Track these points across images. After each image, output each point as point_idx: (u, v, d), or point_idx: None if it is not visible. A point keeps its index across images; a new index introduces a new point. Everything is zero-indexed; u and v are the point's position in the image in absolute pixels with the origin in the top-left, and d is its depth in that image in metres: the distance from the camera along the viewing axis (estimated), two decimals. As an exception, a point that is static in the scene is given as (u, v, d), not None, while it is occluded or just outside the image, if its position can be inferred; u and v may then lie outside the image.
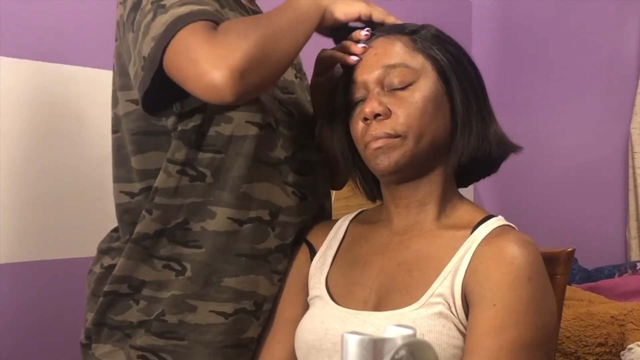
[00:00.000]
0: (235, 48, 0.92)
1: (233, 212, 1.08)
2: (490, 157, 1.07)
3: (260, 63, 0.94)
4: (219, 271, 1.08)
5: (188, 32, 0.95)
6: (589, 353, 1.86)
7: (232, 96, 0.93)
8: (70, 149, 1.78)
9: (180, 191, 1.07)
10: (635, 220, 2.81)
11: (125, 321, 1.10)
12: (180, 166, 1.07)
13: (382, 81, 1.03)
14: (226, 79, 0.91)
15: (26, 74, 1.72)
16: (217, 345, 1.10)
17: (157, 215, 1.07)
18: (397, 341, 0.60)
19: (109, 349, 1.10)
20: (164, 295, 1.08)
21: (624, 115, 2.87)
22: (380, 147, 1.01)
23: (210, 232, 1.07)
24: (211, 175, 1.07)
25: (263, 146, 1.09)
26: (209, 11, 0.98)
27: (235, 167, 1.07)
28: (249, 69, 0.92)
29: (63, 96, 1.77)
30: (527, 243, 0.98)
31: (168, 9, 0.97)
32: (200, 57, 0.93)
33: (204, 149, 1.07)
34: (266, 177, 1.10)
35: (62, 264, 1.76)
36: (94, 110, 1.83)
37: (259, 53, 0.93)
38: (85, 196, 1.80)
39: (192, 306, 1.08)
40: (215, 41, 0.93)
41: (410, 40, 1.05)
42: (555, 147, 3.05)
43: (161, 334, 1.08)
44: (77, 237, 1.78)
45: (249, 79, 0.92)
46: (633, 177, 2.81)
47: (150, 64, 0.97)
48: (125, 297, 1.10)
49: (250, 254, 1.10)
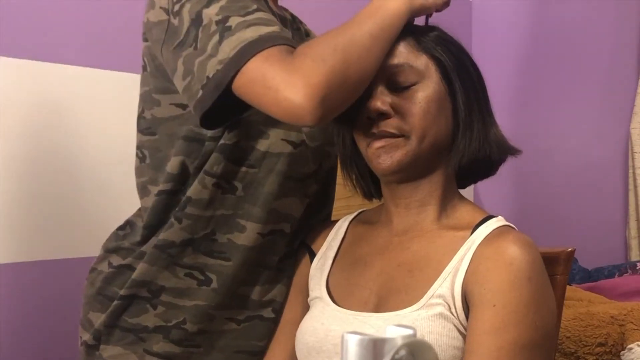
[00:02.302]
0: (313, 75, 0.91)
1: (261, 228, 1.09)
2: (490, 159, 1.07)
3: (339, 88, 0.93)
4: (239, 281, 1.10)
5: (262, 60, 0.93)
6: (589, 353, 1.85)
7: (313, 121, 0.92)
8: (70, 149, 1.78)
9: (212, 203, 1.08)
10: (635, 220, 2.81)
11: (140, 324, 1.09)
12: (216, 179, 1.07)
13: (385, 80, 1.03)
14: (306, 105, 0.90)
15: (26, 74, 1.72)
16: (231, 350, 1.11)
17: (186, 224, 1.08)
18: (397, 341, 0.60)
19: (119, 351, 1.10)
20: (186, 303, 1.09)
21: (624, 115, 2.87)
22: (383, 146, 1.01)
23: (239, 246, 1.09)
24: (242, 188, 1.08)
25: (295, 163, 1.10)
26: (278, 33, 0.97)
27: (268, 183, 1.09)
28: (328, 95, 0.91)
29: (63, 96, 1.77)
30: (527, 243, 0.98)
31: (234, 31, 0.96)
32: (278, 85, 0.92)
33: (239, 163, 1.08)
34: (293, 192, 1.12)
35: (62, 264, 1.76)
36: (94, 110, 1.83)
37: (338, 79, 0.92)
38: (85, 196, 1.80)
39: (212, 315, 1.10)
40: (292, 68, 0.92)
41: (414, 40, 1.05)
42: (555, 147, 3.05)
43: (179, 341, 1.09)
44: (77, 237, 1.78)
45: (329, 104, 0.92)
46: (633, 177, 2.81)
47: (216, 86, 0.96)
48: (143, 301, 1.10)
49: (268, 265, 1.12)
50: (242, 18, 0.97)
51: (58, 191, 1.76)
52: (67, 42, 1.80)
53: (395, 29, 1.00)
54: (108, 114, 1.85)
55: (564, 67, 3.06)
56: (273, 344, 1.13)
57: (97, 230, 1.83)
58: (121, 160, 1.86)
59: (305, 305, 1.11)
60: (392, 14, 1.00)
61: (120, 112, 1.87)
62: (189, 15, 1.01)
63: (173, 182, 1.10)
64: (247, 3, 1.00)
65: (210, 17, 0.98)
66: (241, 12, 0.98)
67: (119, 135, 1.86)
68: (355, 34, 0.97)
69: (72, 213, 1.78)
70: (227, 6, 0.99)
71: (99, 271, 1.16)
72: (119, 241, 1.16)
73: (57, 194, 1.76)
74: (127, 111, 1.87)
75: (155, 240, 1.09)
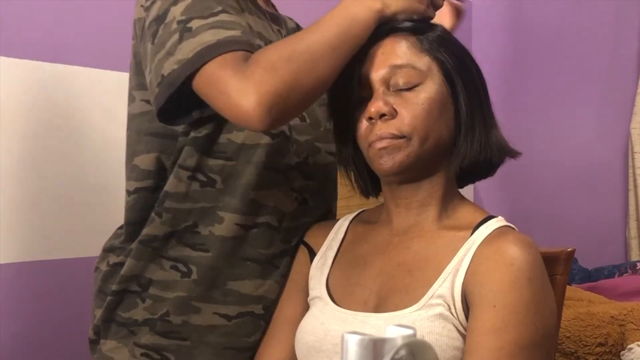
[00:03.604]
0: (263, 84, 0.93)
1: (240, 218, 1.10)
2: (491, 161, 1.07)
3: (289, 97, 0.95)
4: (224, 275, 1.11)
5: (217, 65, 0.96)
6: (589, 353, 1.85)
7: (261, 127, 0.95)
8: (70, 149, 1.78)
9: (191, 196, 1.10)
10: (635, 220, 2.81)
11: (131, 318, 1.12)
12: (191, 172, 1.09)
13: (387, 81, 1.02)
14: (255, 113, 0.93)
15: (26, 74, 1.72)
16: (220, 346, 1.12)
17: (167, 218, 1.10)
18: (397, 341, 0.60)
19: (114, 345, 1.12)
20: (169, 295, 1.11)
21: (624, 115, 2.87)
22: (384, 148, 1.01)
23: (217, 237, 1.10)
24: (221, 181, 1.10)
25: (274, 154, 1.11)
26: (238, 38, 0.99)
27: (246, 174, 1.10)
28: (277, 104, 0.93)
29: (63, 96, 1.77)
30: (527, 244, 0.98)
31: (195, 34, 0.98)
32: (230, 92, 0.95)
33: (215, 155, 1.09)
34: (275, 183, 1.12)
35: (62, 264, 1.76)
36: (94, 110, 1.83)
37: (287, 88, 0.94)
38: (85, 196, 1.80)
39: (197, 308, 1.11)
40: (244, 76, 0.95)
41: (417, 40, 1.04)
42: (555, 147, 3.05)
43: (165, 333, 1.11)
44: (77, 237, 1.78)
45: (277, 112, 0.94)
46: (633, 177, 2.81)
47: (169, 84, 0.99)
48: (134, 295, 1.12)
49: (256, 259, 1.12)
50: (204, 20, 0.99)
51: (58, 191, 1.76)
52: (67, 42, 1.80)
53: (359, 38, 1.01)
54: (108, 114, 1.85)
55: (564, 67, 3.06)
56: (272, 343, 1.13)
57: (97, 230, 1.83)
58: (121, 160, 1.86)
59: (305, 304, 1.11)
60: (358, 22, 1.01)
61: (120, 112, 1.86)
62: (157, 12, 1.04)
63: (151, 179, 1.12)
64: (213, 4, 1.01)
65: (174, 16, 1.01)
66: (205, 13, 1.00)
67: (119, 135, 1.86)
68: (313, 42, 0.98)
69: (72, 213, 1.78)
70: (193, 5, 1.01)
71: (99, 270, 1.18)
72: (114, 240, 1.18)
73: (57, 194, 1.76)
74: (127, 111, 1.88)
75: (139, 236, 1.12)
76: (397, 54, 1.03)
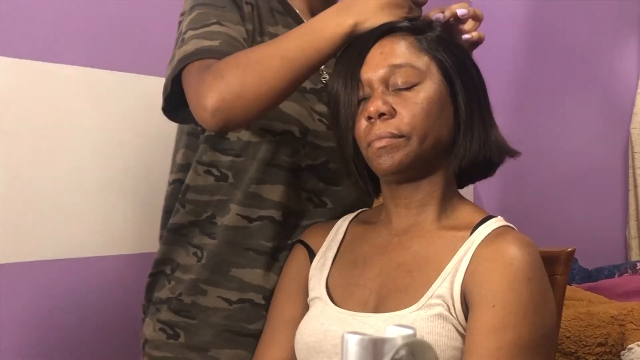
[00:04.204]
0: (209, 89, 1.01)
1: (241, 209, 1.18)
2: (490, 161, 1.07)
3: (233, 104, 1.01)
4: (228, 262, 1.19)
5: (188, 71, 1.07)
6: (589, 353, 1.85)
7: (212, 129, 1.05)
8: (70, 149, 1.78)
9: (208, 189, 1.19)
10: (635, 220, 2.81)
11: (159, 297, 1.24)
12: (206, 167, 1.19)
13: (386, 80, 1.02)
14: (205, 115, 1.02)
15: (26, 74, 1.72)
16: (220, 328, 1.19)
17: (189, 209, 1.21)
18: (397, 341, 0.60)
19: (148, 322, 1.25)
20: (186, 277, 1.21)
21: (624, 115, 2.87)
22: (384, 147, 1.01)
23: (221, 225, 1.19)
24: (232, 176, 1.19)
25: (280, 152, 1.18)
26: (213, 47, 1.07)
27: (251, 169, 1.18)
28: (220, 109, 1.01)
29: (63, 96, 1.77)
30: (527, 244, 0.98)
31: (184, 43, 1.10)
32: (191, 95, 1.05)
33: (227, 152, 1.18)
34: (281, 180, 1.18)
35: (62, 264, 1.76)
36: (94, 110, 1.83)
37: (231, 96, 1.01)
38: (85, 196, 1.80)
39: (204, 290, 1.19)
40: (199, 82, 1.04)
41: (416, 40, 1.05)
42: (555, 147, 3.05)
43: (177, 311, 1.20)
44: (77, 237, 1.78)
45: (222, 116, 1.01)
46: (633, 177, 2.82)
47: (165, 87, 1.12)
48: (164, 277, 1.24)
49: (257, 249, 1.19)
50: (195, 31, 1.10)
51: (58, 191, 1.76)
52: (67, 42, 1.80)
53: (323, 53, 1.04)
54: (108, 114, 1.85)
55: (564, 67, 3.06)
56: (272, 344, 1.13)
57: (97, 230, 1.84)
58: (121, 160, 1.86)
59: (305, 305, 1.11)
60: (324, 37, 1.03)
61: (120, 112, 1.87)
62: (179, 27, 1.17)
63: (182, 172, 1.24)
64: (210, 17, 1.11)
65: (182, 29, 1.14)
66: (198, 24, 1.11)
67: (119, 135, 1.86)
68: (268, 52, 1.03)
69: (72, 213, 1.78)
70: (194, 19, 1.12)
71: None
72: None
73: (57, 194, 1.76)
74: (127, 111, 1.88)
75: (168, 224, 1.23)
76: (396, 54, 1.03)
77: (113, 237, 1.83)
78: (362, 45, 1.05)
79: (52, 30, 1.77)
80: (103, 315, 1.82)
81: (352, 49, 1.06)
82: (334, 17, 1.05)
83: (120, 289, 1.83)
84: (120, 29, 1.89)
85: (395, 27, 1.06)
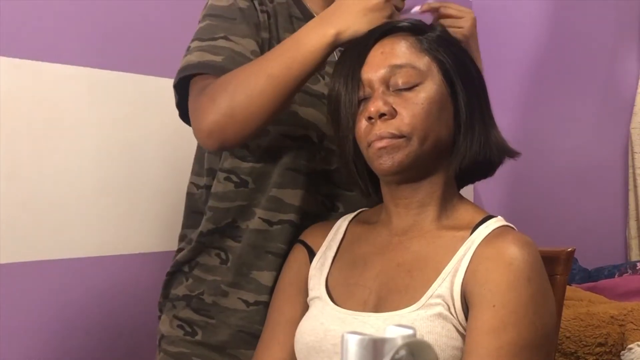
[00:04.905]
0: (203, 112, 1.06)
1: (264, 213, 1.21)
2: (490, 161, 1.07)
3: (226, 125, 1.06)
4: (250, 264, 1.22)
5: (190, 88, 1.13)
6: (589, 353, 1.85)
7: (209, 148, 1.11)
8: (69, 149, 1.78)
9: (228, 196, 1.21)
10: (635, 220, 2.81)
11: (175, 294, 1.26)
12: (226, 174, 1.21)
13: (387, 81, 1.02)
14: (201, 136, 1.09)
15: (26, 74, 1.72)
16: (237, 328, 1.22)
17: (209, 215, 1.22)
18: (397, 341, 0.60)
19: (164, 318, 1.28)
20: (208, 278, 1.23)
21: (624, 115, 2.87)
22: (384, 147, 1.01)
23: (246, 229, 1.21)
24: (252, 181, 1.21)
25: (299, 157, 1.20)
26: (215, 63, 1.10)
27: (273, 174, 1.20)
28: (214, 132, 1.06)
29: (63, 96, 1.77)
30: (527, 244, 0.98)
31: (189, 52, 1.14)
32: (190, 117, 1.12)
33: (245, 159, 1.20)
34: (300, 185, 1.21)
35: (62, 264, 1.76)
36: (94, 110, 1.83)
37: (224, 119, 1.05)
38: (85, 196, 1.80)
39: (225, 291, 1.22)
40: (197, 104, 1.09)
41: (416, 40, 1.05)
42: (555, 147, 3.04)
43: (197, 310, 1.23)
44: (77, 237, 1.78)
45: (218, 137, 1.07)
46: (633, 177, 2.81)
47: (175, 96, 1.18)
48: (182, 274, 1.26)
49: (276, 252, 1.21)
50: (201, 43, 1.13)
51: (58, 191, 1.76)
52: (67, 42, 1.80)
53: (308, 66, 1.05)
54: (108, 114, 1.85)
55: (564, 67, 3.06)
56: (272, 344, 1.12)
57: (97, 230, 1.84)
58: (121, 160, 1.86)
59: (305, 305, 1.11)
60: (307, 50, 1.04)
61: (120, 112, 1.87)
62: None
63: (208, 177, 1.26)
64: (218, 30, 1.14)
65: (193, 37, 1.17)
66: (206, 36, 1.14)
67: (119, 135, 1.86)
68: (253, 71, 1.06)
69: (72, 213, 1.78)
70: (203, 28, 1.15)
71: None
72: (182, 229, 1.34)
73: (56, 194, 1.76)
74: (127, 111, 1.88)
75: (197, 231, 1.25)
76: (396, 54, 1.03)
77: (113, 237, 1.83)
78: (362, 46, 1.05)
79: (52, 30, 1.77)
80: (103, 315, 1.82)
81: (353, 49, 1.06)
82: (316, 29, 1.06)
83: (120, 289, 1.83)
84: (120, 29, 1.89)
85: (395, 27, 1.06)
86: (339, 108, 1.06)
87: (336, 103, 1.06)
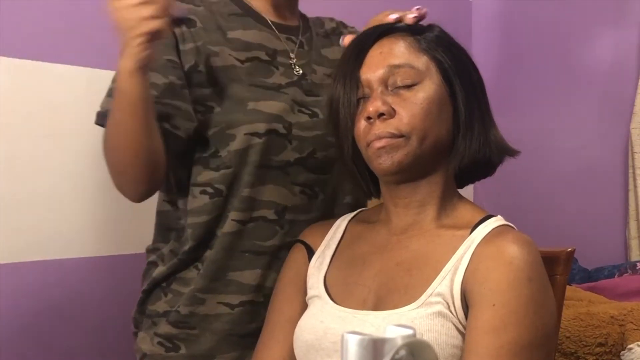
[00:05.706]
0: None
1: (237, 215, 1.19)
2: (490, 160, 1.07)
3: (120, 186, 1.15)
4: (225, 267, 1.19)
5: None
6: (589, 353, 1.85)
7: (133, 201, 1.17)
8: (69, 149, 1.78)
9: (204, 209, 1.19)
10: (635, 220, 2.81)
11: (155, 310, 1.23)
12: (202, 187, 1.19)
13: (386, 80, 1.03)
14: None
15: (26, 74, 1.72)
16: (224, 333, 1.20)
17: (190, 233, 1.20)
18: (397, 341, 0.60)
19: (143, 335, 1.24)
20: (185, 290, 1.21)
21: (624, 115, 2.86)
22: (383, 147, 1.01)
23: (220, 234, 1.19)
24: (226, 188, 1.19)
25: (268, 152, 1.18)
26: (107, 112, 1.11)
27: (243, 175, 1.18)
28: (121, 192, 1.15)
29: (63, 96, 1.77)
30: (527, 243, 0.98)
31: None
32: None
33: (218, 168, 1.19)
34: (270, 179, 1.19)
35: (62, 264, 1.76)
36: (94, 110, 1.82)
37: (115, 180, 1.14)
38: (85, 196, 1.80)
39: (201, 299, 1.20)
40: None
41: (415, 40, 1.05)
42: (555, 147, 3.04)
43: (175, 323, 1.20)
44: (77, 237, 1.78)
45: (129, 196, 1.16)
46: (633, 177, 2.81)
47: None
48: (160, 289, 1.24)
49: (254, 250, 1.20)
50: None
51: (58, 191, 1.76)
52: (67, 42, 1.80)
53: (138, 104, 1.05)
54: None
55: (564, 67, 3.06)
56: (271, 343, 1.12)
57: (97, 230, 1.84)
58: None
59: (304, 304, 1.11)
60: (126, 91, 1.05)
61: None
62: None
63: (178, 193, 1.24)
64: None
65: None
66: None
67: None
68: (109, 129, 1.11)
69: (72, 213, 1.78)
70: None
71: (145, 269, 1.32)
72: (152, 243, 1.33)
73: (56, 194, 1.76)
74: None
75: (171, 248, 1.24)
76: (395, 54, 1.03)
77: (113, 237, 1.83)
78: (361, 46, 1.05)
79: (52, 30, 1.77)
80: (103, 315, 1.81)
81: (352, 50, 1.06)
82: (119, 67, 1.06)
83: (120, 289, 1.83)
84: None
85: (394, 28, 1.06)
86: (338, 108, 1.06)
87: (335, 103, 1.06)
